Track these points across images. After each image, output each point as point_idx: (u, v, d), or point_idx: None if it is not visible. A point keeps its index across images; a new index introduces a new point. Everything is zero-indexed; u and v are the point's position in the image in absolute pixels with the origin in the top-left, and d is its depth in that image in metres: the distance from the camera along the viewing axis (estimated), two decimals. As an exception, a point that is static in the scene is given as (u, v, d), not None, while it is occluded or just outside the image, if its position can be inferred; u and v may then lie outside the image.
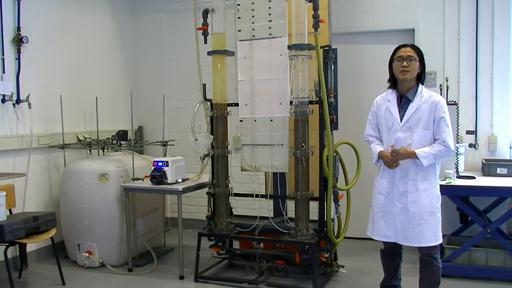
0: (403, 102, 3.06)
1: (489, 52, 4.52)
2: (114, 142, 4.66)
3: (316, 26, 3.46)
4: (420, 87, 3.05)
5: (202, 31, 3.96)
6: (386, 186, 3.09)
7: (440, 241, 3.02)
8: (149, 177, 4.16)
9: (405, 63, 2.98)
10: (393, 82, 3.12)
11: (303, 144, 3.64)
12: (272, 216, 3.98)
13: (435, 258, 3.03)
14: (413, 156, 2.95)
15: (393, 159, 3.00)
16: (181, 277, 4.03)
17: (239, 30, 3.91)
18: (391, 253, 3.24)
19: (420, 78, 3.06)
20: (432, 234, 2.98)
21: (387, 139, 3.10)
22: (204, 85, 4.10)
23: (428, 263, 3.04)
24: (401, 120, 3.02)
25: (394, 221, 3.05)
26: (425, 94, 3.02)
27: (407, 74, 2.98)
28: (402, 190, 3.02)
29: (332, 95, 3.78)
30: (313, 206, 3.84)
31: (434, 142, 2.99)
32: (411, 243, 3.03)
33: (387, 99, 3.12)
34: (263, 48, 3.80)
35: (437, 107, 2.97)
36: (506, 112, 4.53)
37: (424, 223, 2.96)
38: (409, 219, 3.00)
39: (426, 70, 3.12)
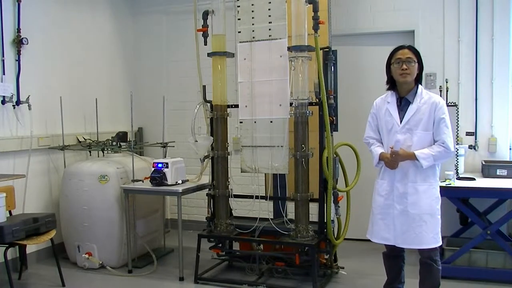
0: (403, 103, 3.05)
1: (489, 53, 4.52)
2: (114, 143, 4.66)
3: (316, 28, 3.47)
4: (420, 88, 3.04)
5: (202, 32, 3.96)
6: (386, 188, 3.08)
7: (440, 243, 3.01)
8: (149, 179, 4.15)
9: (404, 66, 2.96)
10: (392, 84, 3.11)
11: (303, 145, 3.64)
12: (272, 217, 3.98)
13: (435, 260, 3.02)
14: (412, 157, 2.94)
15: (392, 160, 2.99)
16: (181, 279, 4.03)
17: (239, 32, 3.92)
18: (393, 256, 3.22)
19: (419, 79, 3.05)
20: (432, 236, 2.96)
21: (387, 141, 3.09)
22: (204, 86, 4.10)
23: (428, 266, 3.03)
24: (400, 122, 3.01)
25: (394, 223, 3.04)
26: (424, 96, 3.01)
27: (407, 76, 2.97)
28: (402, 192, 3.00)
29: (332, 96, 3.78)
30: (313, 207, 3.84)
31: (434, 144, 2.98)
32: (410, 246, 3.01)
33: (387, 101, 3.11)
34: (263, 49, 3.81)
35: (436, 108, 2.95)
36: (506, 114, 4.53)
37: (424, 225, 2.95)
38: (409, 221, 2.98)
39: (426, 71, 3.12)
